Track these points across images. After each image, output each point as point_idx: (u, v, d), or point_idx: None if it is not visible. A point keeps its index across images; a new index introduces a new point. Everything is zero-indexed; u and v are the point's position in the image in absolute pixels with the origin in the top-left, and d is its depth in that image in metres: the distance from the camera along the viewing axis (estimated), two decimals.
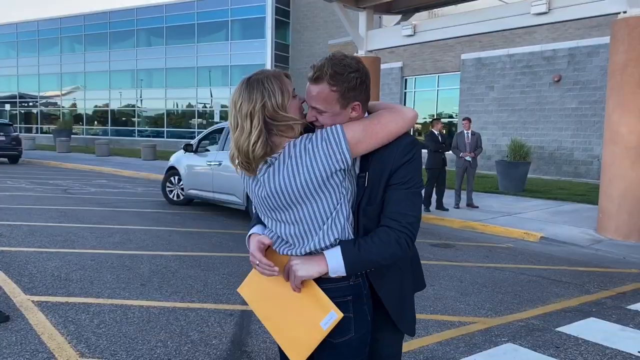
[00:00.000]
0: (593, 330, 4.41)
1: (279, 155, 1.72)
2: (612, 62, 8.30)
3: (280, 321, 1.79)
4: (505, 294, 5.39)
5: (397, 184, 1.71)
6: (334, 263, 1.67)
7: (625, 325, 4.55)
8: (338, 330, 1.74)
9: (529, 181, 15.28)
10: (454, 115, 22.54)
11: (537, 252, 7.57)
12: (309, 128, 1.80)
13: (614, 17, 8.35)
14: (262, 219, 1.88)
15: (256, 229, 1.89)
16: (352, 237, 1.76)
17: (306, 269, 1.67)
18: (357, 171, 1.78)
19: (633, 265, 6.90)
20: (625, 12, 8.05)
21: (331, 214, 1.72)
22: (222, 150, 9.64)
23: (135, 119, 37.66)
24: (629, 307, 5.07)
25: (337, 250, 1.68)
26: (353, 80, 1.68)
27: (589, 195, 12.99)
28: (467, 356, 3.79)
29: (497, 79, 20.10)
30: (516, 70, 19.53)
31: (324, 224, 1.72)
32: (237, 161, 1.77)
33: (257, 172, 1.77)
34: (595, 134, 17.47)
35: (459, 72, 21.41)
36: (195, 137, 31.70)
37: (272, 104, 1.69)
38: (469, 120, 11.07)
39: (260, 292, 1.83)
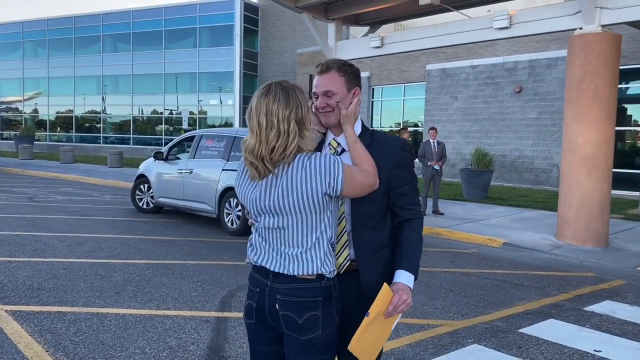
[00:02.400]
0: (553, 330, 4.67)
1: (282, 166, 1.83)
2: (569, 75, 8.70)
3: (372, 345, 1.99)
4: (470, 298, 5.62)
5: (405, 185, 2.11)
6: (412, 285, 2.08)
7: (582, 326, 4.83)
8: (306, 328, 1.86)
9: (492, 188, 15.73)
10: (419, 124, 23.00)
11: (500, 257, 7.88)
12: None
13: (571, 32, 8.76)
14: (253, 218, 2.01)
15: None
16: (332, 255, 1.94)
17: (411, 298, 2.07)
18: None
19: (589, 269, 7.26)
20: (581, 28, 8.46)
21: (315, 232, 1.88)
22: (193, 158, 9.66)
23: (101, 125, 37.04)
24: (585, 308, 5.38)
25: (410, 277, 2.08)
26: (353, 71, 2.13)
27: (548, 202, 13.47)
28: (436, 357, 3.98)
29: (461, 89, 20.63)
30: (479, 81, 20.09)
31: (308, 243, 1.87)
32: (256, 158, 1.81)
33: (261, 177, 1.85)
34: (554, 143, 18.09)
35: (425, 82, 21.87)
36: (161, 144, 31.49)
37: (302, 113, 1.83)
38: (436, 130, 11.38)
39: (366, 340, 1.96)
